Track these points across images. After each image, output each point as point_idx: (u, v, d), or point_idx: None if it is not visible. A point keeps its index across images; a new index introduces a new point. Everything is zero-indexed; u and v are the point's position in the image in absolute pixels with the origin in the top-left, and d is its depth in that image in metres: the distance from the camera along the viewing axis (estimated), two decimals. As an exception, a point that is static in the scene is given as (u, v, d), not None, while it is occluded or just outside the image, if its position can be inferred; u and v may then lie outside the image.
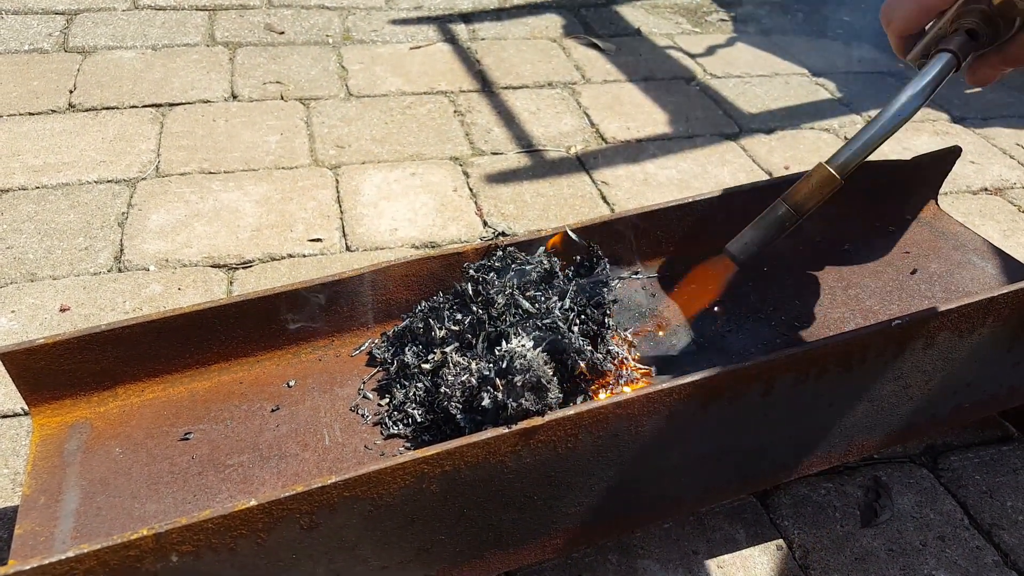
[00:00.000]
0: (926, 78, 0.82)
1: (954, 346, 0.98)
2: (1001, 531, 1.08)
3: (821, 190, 0.85)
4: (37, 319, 1.29)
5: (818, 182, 0.84)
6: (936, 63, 0.82)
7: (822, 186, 0.84)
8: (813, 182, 0.85)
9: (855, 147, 0.84)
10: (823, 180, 0.84)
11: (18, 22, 2.15)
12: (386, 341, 1.02)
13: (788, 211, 0.85)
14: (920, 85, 0.82)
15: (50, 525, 0.81)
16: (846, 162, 0.84)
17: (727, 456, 0.93)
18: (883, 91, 2.25)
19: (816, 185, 0.85)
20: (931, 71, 0.82)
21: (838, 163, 0.84)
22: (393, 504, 0.77)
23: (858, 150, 0.84)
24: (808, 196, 0.85)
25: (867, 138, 0.84)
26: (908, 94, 0.83)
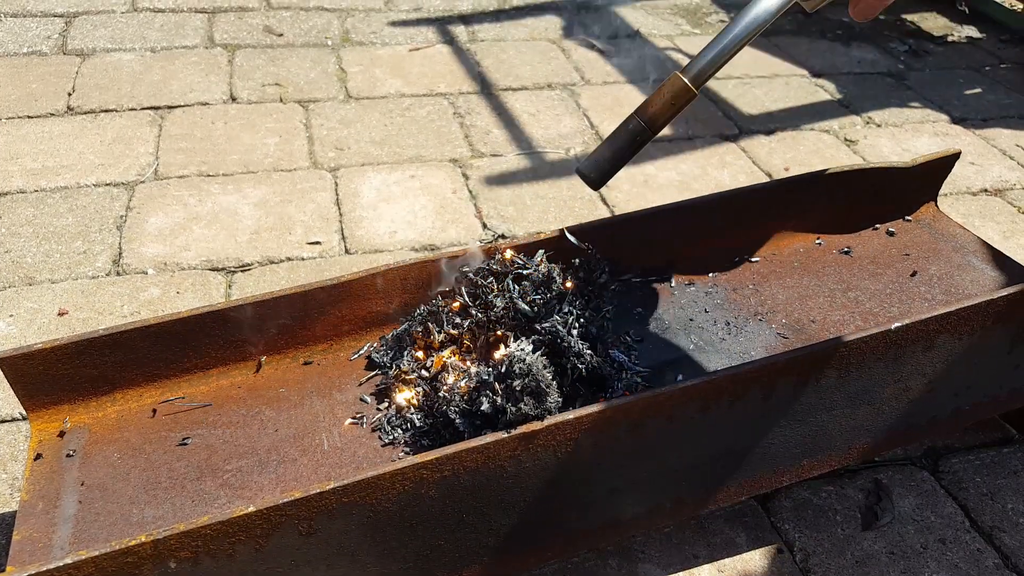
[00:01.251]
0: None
1: (954, 348, 0.98)
2: (1002, 533, 1.08)
3: (675, 102, 0.81)
4: (35, 323, 1.29)
5: (671, 94, 0.81)
6: None
7: (675, 97, 0.81)
8: (666, 94, 0.81)
9: (709, 56, 0.82)
10: (677, 91, 0.81)
11: (17, 24, 2.15)
12: (385, 345, 1.01)
13: (639, 124, 0.82)
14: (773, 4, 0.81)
15: (48, 531, 0.80)
16: (700, 72, 0.81)
17: (728, 459, 0.93)
18: (883, 92, 2.24)
19: (669, 97, 0.81)
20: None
21: (692, 73, 0.81)
22: (392, 510, 0.77)
23: (712, 59, 0.82)
24: (661, 109, 0.81)
25: (720, 48, 0.81)
26: (760, 8, 0.81)
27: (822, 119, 2.09)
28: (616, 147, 0.83)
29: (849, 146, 1.97)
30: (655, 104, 0.81)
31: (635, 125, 0.82)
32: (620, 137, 0.82)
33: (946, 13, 2.77)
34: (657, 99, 0.82)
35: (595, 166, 0.83)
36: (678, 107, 0.82)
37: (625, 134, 0.82)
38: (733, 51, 0.81)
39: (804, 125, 2.05)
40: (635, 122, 0.82)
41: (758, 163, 1.87)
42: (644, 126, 0.82)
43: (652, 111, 0.81)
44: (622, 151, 0.83)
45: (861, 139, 2.01)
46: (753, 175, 1.83)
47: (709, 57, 0.81)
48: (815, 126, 2.05)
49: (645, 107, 0.82)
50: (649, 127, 0.82)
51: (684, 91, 0.81)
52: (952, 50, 2.54)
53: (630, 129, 0.82)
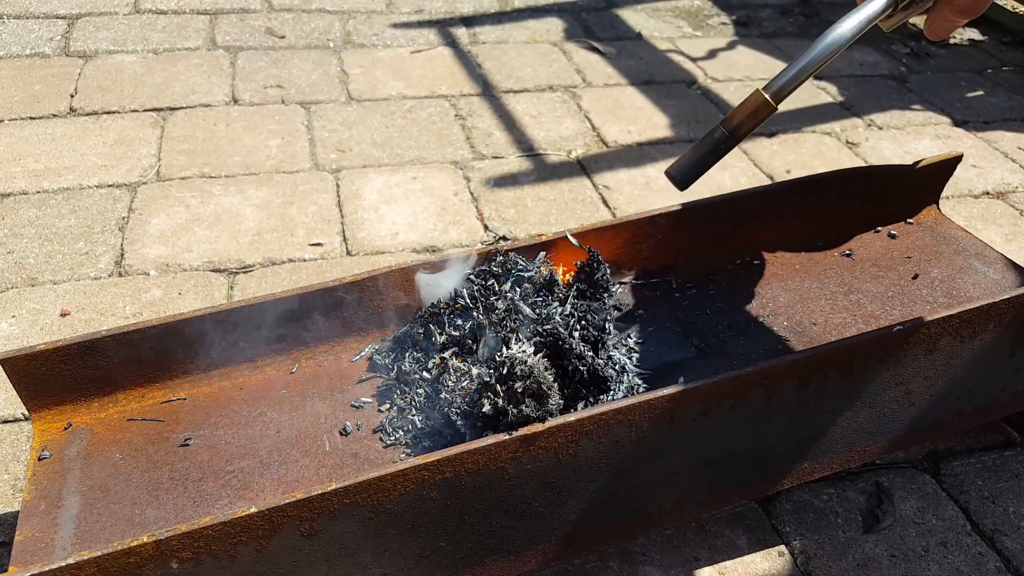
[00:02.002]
0: (860, 16, 0.85)
1: (956, 351, 0.98)
2: (1003, 537, 1.08)
3: (756, 115, 0.87)
4: (38, 324, 1.29)
5: (753, 107, 0.87)
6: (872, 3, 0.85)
7: (756, 111, 0.87)
8: (748, 107, 0.87)
9: (790, 74, 0.87)
10: (758, 105, 0.87)
11: (20, 26, 2.16)
12: (386, 347, 1.02)
13: (723, 134, 0.88)
14: (856, 19, 0.85)
15: (50, 531, 0.81)
16: (781, 88, 0.87)
17: (729, 462, 0.93)
18: (884, 94, 2.25)
19: (751, 110, 0.87)
20: (865, 10, 0.85)
21: (773, 89, 0.87)
22: (394, 511, 0.77)
23: (793, 77, 0.87)
24: (743, 121, 0.87)
25: (802, 65, 0.86)
26: (844, 26, 0.85)
27: (824, 121, 2.09)
28: (701, 153, 0.89)
29: (851, 148, 1.97)
30: (738, 116, 0.88)
31: (720, 135, 0.88)
32: (705, 144, 0.89)
33: (948, 16, 2.76)
34: (740, 112, 0.88)
35: (682, 170, 0.90)
36: (759, 120, 0.88)
37: (710, 142, 0.89)
38: (813, 70, 0.87)
39: (806, 127, 2.05)
40: (720, 132, 0.88)
41: (759, 165, 1.87)
42: (727, 135, 0.88)
43: (735, 122, 0.88)
44: (706, 156, 0.89)
45: (863, 141, 2.01)
46: (754, 177, 1.83)
47: (790, 75, 0.87)
48: (817, 128, 2.06)
49: (729, 119, 0.88)
50: (732, 136, 0.88)
51: (765, 105, 0.87)
52: (954, 52, 2.54)
53: (715, 138, 0.88)
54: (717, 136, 0.88)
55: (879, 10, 0.85)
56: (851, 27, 0.85)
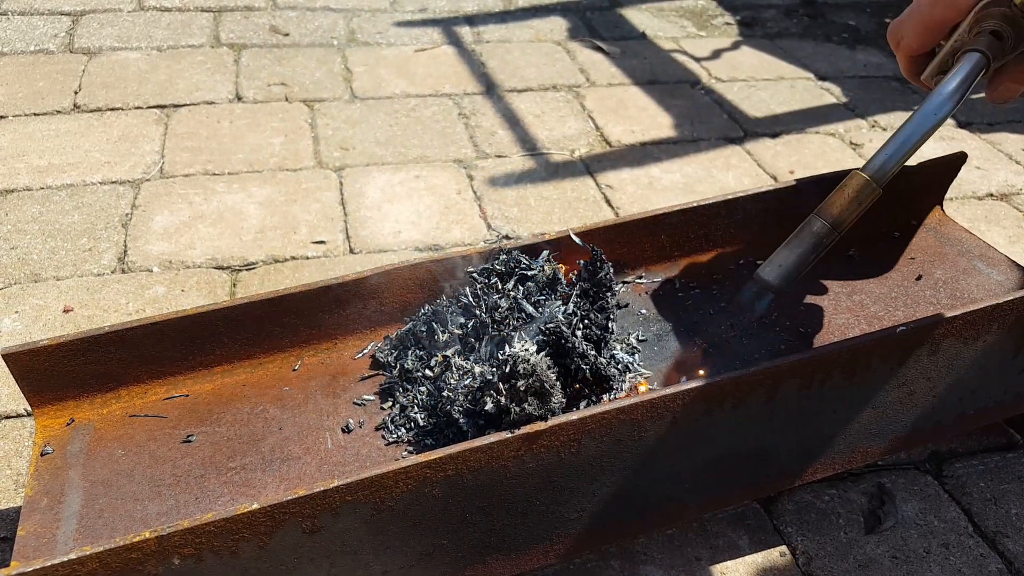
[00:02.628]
0: (957, 79, 0.77)
1: (959, 353, 0.97)
2: (1005, 539, 1.07)
3: (859, 201, 0.79)
4: (40, 320, 1.29)
5: (855, 192, 0.78)
6: (965, 63, 0.77)
7: (860, 197, 0.78)
8: (849, 192, 0.79)
9: (890, 151, 0.79)
10: (860, 189, 0.78)
11: (24, 23, 2.16)
12: (389, 344, 1.02)
13: (824, 226, 0.79)
14: (951, 86, 0.77)
15: (53, 527, 0.81)
16: (883, 168, 0.79)
17: (731, 462, 0.93)
18: (889, 95, 2.24)
19: (853, 195, 0.79)
20: (961, 72, 0.77)
21: (873, 169, 0.79)
22: (396, 508, 0.77)
23: (893, 154, 0.79)
24: (846, 209, 0.79)
25: (902, 141, 0.79)
26: (941, 95, 0.77)
27: (827, 122, 2.09)
28: (800, 253, 0.79)
29: (855, 149, 1.97)
30: (838, 204, 0.79)
31: (820, 227, 0.78)
32: (806, 241, 0.79)
33: (952, 17, 2.76)
34: (840, 198, 0.79)
35: (780, 274, 0.79)
36: (864, 206, 0.79)
37: (811, 237, 0.79)
38: (915, 147, 0.78)
39: (809, 128, 2.05)
40: (819, 224, 0.78)
41: (763, 166, 1.87)
42: (830, 227, 0.79)
43: (837, 212, 0.79)
44: (806, 256, 0.79)
45: (867, 142, 2.01)
46: (758, 178, 1.83)
47: (890, 152, 0.79)
48: (820, 129, 2.05)
49: (829, 207, 0.79)
50: (835, 228, 0.79)
51: (868, 189, 0.78)
52: (958, 54, 2.54)
53: (815, 232, 0.79)
54: (817, 230, 0.78)
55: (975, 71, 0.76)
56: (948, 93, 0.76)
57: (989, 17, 0.77)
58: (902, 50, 0.83)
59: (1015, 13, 0.76)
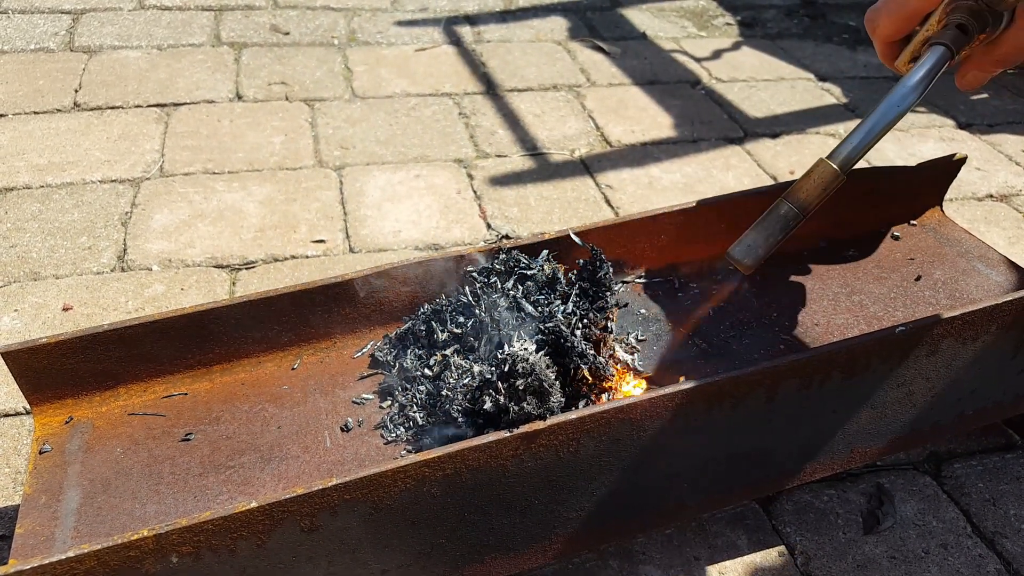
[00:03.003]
0: (921, 71, 0.82)
1: (958, 353, 0.97)
2: (1004, 539, 1.07)
3: (824, 187, 0.83)
4: (40, 318, 1.29)
5: (820, 179, 0.83)
6: (930, 56, 0.82)
7: (825, 183, 0.83)
8: (816, 179, 0.83)
9: (855, 142, 0.83)
10: (825, 177, 0.83)
11: (24, 21, 2.16)
12: (388, 343, 1.02)
13: (791, 210, 0.84)
14: (916, 78, 0.82)
15: (51, 525, 0.81)
16: (847, 157, 0.83)
17: (730, 462, 0.93)
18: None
19: (818, 182, 0.83)
20: (926, 64, 0.82)
21: (839, 159, 0.83)
22: (394, 507, 0.77)
23: (858, 145, 0.83)
24: (812, 194, 0.83)
25: (866, 132, 0.83)
26: (905, 87, 0.82)
27: (827, 123, 2.09)
28: (768, 232, 0.84)
29: (854, 150, 1.97)
30: (804, 190, 0.84)
31: (787, 210, 0.84)
32: (772, 222, 0.84)
33: (953, 18, 2.76)
34: (806, 183, 0.84)
35: (748, 253, 0.85)
36: (828, 192, 0.84)
37: (777, 219, 0.84)
38: (879, 136, 0.83)
39: (809, 129, 2.05)
40: (786, 207, 0.84)
41: (763, 166, 1.87)
42: (796, 211, 0.84)
43: (803, 196, 0.84)
44: (774, 236, 0.84)
45: (866, 143, 2.00)
46: (758, 178, 1.83)
47: (856, 143, 0.83)
48: (820, 130, 2.05)
49: (795, 192, 0.84)
50: (801, 211, 0.84)
51: (832, 176, 0.83)
52: (958, 55, 2.54)
53: (782, 214, 0.84)
54: (784, 212, 0.83)
55: (938, 64, 0.81)
56: (912, 86, 0.81)
57: (957, 10, 0.81)
58: (878, 36, 0.87)
59: (980, 7, 0.80)
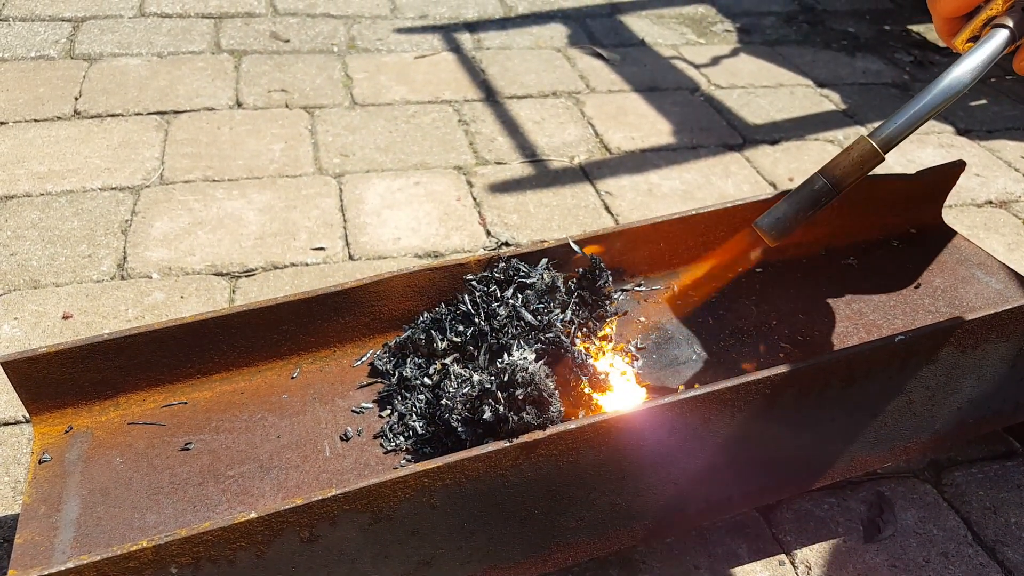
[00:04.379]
0: (981, 54, 0.78)
1: (958, 362, 0.97)
2: (1005, 548, 1.07)
3: (862, 165, 0.79)
4: (40, 326, 1.29)
5: (859, 156, 0.79)
6: (992, 39, 0.78)
7: (863, 161, 0.79)
8: (854, 156, 0.80)
9: (900, 120, 0.79)
10: (865, 154, 0.79)
11: (25, 29, 2.16)
12: (387, 352, 1.02)
13: (825, 185, 0.80)
14: (974, 62, 0.78)
15: (50, 535, 0.81)
16: (890, 136, 0.79)
17: (730, 471, 0.93)
18: (888, 102, 2.25)
19: (857, 159, 0.79)
20: (987, 47, 0.78)
21: (881, 137, 0.79)
22: (394, 517, 0.77)
23: (903, 124, 0.79)
24: (848, 170, 0.80)
25: (914, 111, 0.79)
26: (961, 68, 0.78)
27: (827, 129, 2.09)
28: (799, 205, 0.81)
29: (853, 157, 1.97)
30: (841, 166, 0.80)
31: (821, 185, 0.81)
32: (804, 196, 0.81)
33: (951, 25, 2.76)
34: (844, 160, 0.80)
35: (776, 224, 0.81)
36: (866, 170, 0.80)
37: (809, 193, 0.81)
38: (926, 118, 0.79)
39: (809, 135, 2.05)
40: (820, 182, 0.81)
41: (762, 173, 1.87)
42: (830, 187, 0.81)
43: (839, 172, 0.80)
44: (804, 210, 0.81)
45: (866, 150, 2.00)
46: (757, 185, 1.83)
47: (900, 122, 0.79)
48: (820, 136, 2.06)
49: (832, 168, 0.81)
50: (835, 188, 0.81)
51: (872, 154, 0.79)
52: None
53: (815, 189, 0.81)
54: (818, 187, 0.80)
55: (998, 48, 0.78)
56: (969, 69, 0.77)
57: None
58: (938, 11, 0.83)
59: None
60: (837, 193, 0.81)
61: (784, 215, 0.81)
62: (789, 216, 0.81)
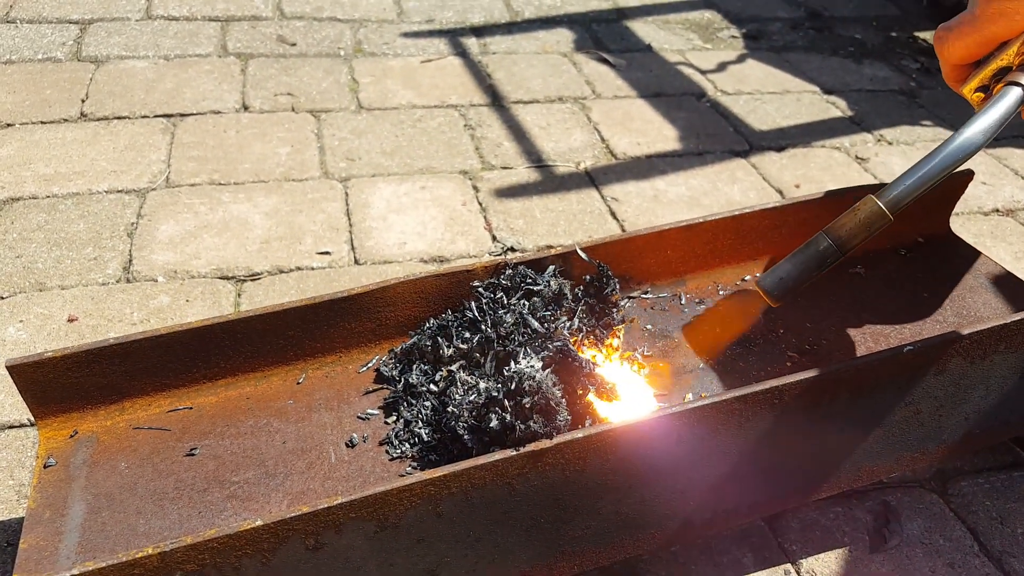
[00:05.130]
0: (994, 114, 0.75)
1: (966, 372, 0.97)
2: (1012, 559, 1.07)
3: (869, 227, 0.78)
4: (45, 329, 1.29)
5: (866, 217, 0.77)
6: (1005, 98, 0.76)
7: (870, 222, 0.77)
8: (860, 217, 0.78)
9: (909, 182, 0.77)
10: (871, 216, 0.77)
11: (32, 31, 2.17)
12: (393, 358, 1.01)
13: (830, 246, 0.79)
14: (987, 121, 0.75)
15: (55, 540, 0.80)
16: (898, 198, 0.77)
17: (736, 480, 0.92)
18: (895, 110, 2.24)
19: (864, 221, 0.78)
20: (1000, 106, 0.75)
21: (889, 198, 0.77)
22: (399, 525, 0.77)
23: (911, 186, 0.77)
24: (854, 231, 0.78)
25: (923, 173, 0.77)
26: (973, 129, 0.76)
27: (833, 136, 2.09)
28: (803, 267, 0.79)
29: (860, 164, 1.97)
30: (847, 227, 0.78)
31: (826, 247, 0.79)
32: (809, 257, 0.79)
33: (958, 32, 2.76)
34: (850, 221, 0.78)
35: (779, 285, 0.80)
36: (872, 231, 0.78)
37: (815, 254, 0.79)
38: (937, 180, 0.77)
39: (815, 142, 2.05)
40: (826, 243, 0.79)
41: (768, 179, 1.87)
42: (835, 248, 0.79)
43: (844, 234, 0.78)
44: (808, 271, 0.79)
45: (872, 157, 2.00)
46: (763, 191, 1.82)
47: (909, 183, 0.77)
48: (826, 143, 2.05)
49: (837, 228, 0.79)
50: (840, 249, 0.79)
51: (879, 216, 0.77)
52: (964, 69, 2.53)
53: (820, 250, 0.79)
54: (823, 248, 0.78)
55: (1012, 108, 0.75)
56: (981, 130, 0.74)
57: None
58: (946, 57, 0.82)
59: None
60: (842, 255, 0.79)
61: (787, 276, 0.80)
62: (792, 277, 0.80)
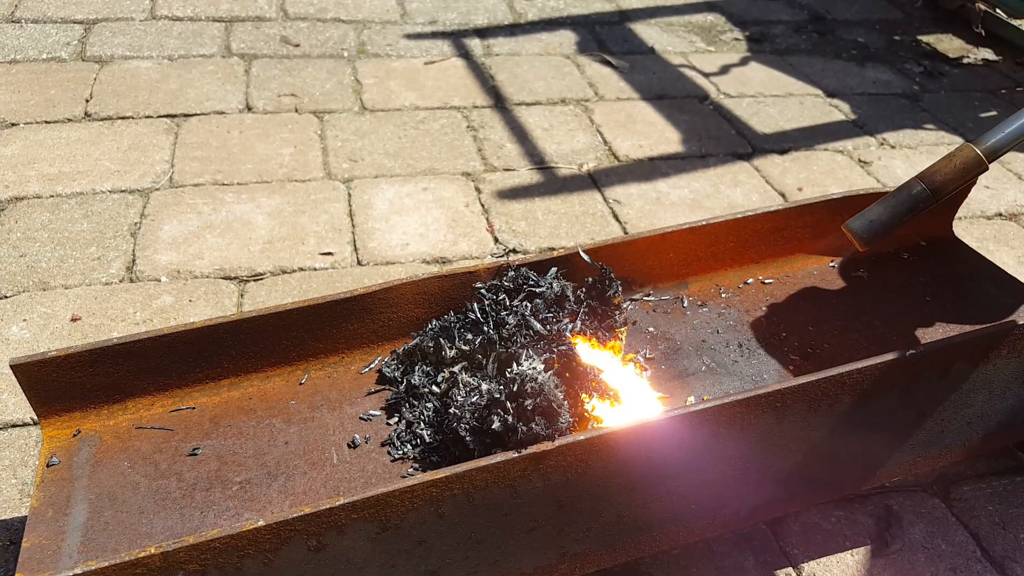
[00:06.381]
0: None
1: (968, 376, 0.97)
2: (1014, 564, 1.06)
3: (965, 173, 0.76)
4: (48, 328, 1.29)
5: (962, 163, 0.76)
6: None
7: (967, 168, 0.75)
8: (957, 163, 0.76)
9: (1009, 129, 0.76)
10: (968, 162, 0.75)
11: (37, 31, 2.17)
12: (396, 359, 1.01)
13: (924, 191, 0.77)
14: None
15: (57, 539, 0.81)
16: (995, 146, 0.75)
17: (738, 483, 0.92)
18: (898, 113, 2.24)
19: (960, 166, 0.76)
20: None
21: (987, 145, 0.76)
22: (401, 526, 0.77)
23: (1010, 134, 0.75)
24: (949, 177, 0.76)
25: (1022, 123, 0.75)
26: None
27: (836, 139, 2.08)
28: (896, 210, 0.77)
29: (863, 167, 1.97)
30: (942, 172, 0.76)
31: (920, 191, 0.77)
32: (901, 201, 0.77)
33: (962, 35, 2.76)
34: (945, 167, 0.76)
35: (869, 228, 0.78)
36: (968, 179, 0.76)
37: (907, 199, 0.77)
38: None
39: (818, 145, 2.05)
40: (919, 188, 0.77)
41: (771, 182, 1.87)
42: (929, 193, 0.77)
43: (939, 179, 0.76)
44: (900, 215, 0.77)
45: (875, 160, 2.00)
46: (766, 194, 1.82)
47: (1009, 131, 0.76)
48: (829, 146, 2.05)
49: (932, 174, 0.76)
50: (934, 194, 0.77)
51: (976, 163, 0.76)
52: (968, 72, 2.54)
53: (913, 195, 0.77)
54: (916, 192, 0.76)
55: None
56: None
57: None
58: None
59: None
60: (935, 201, 0.77)
61: (878, 219, 0.77)
62: (884, 220, 0.77)
